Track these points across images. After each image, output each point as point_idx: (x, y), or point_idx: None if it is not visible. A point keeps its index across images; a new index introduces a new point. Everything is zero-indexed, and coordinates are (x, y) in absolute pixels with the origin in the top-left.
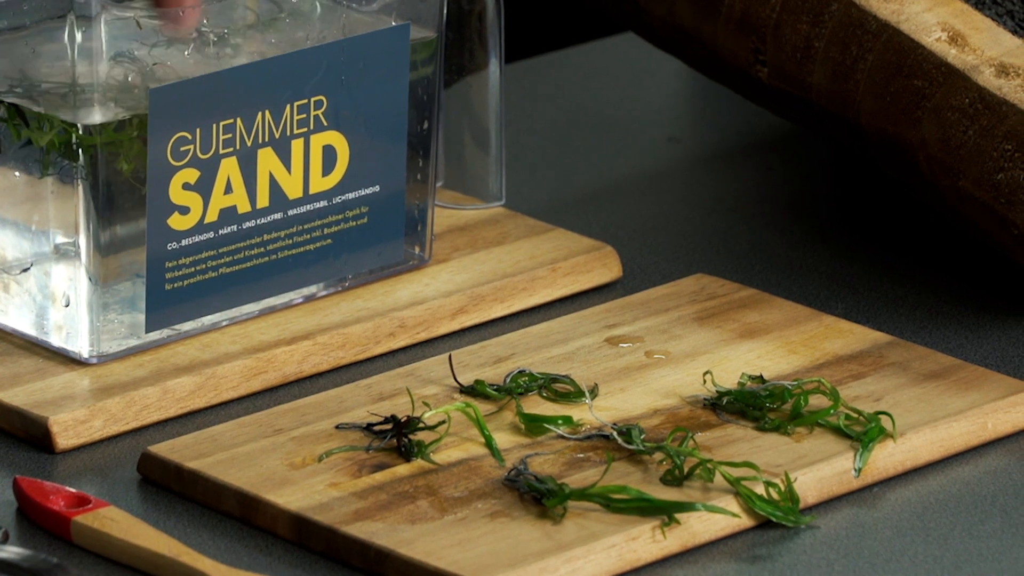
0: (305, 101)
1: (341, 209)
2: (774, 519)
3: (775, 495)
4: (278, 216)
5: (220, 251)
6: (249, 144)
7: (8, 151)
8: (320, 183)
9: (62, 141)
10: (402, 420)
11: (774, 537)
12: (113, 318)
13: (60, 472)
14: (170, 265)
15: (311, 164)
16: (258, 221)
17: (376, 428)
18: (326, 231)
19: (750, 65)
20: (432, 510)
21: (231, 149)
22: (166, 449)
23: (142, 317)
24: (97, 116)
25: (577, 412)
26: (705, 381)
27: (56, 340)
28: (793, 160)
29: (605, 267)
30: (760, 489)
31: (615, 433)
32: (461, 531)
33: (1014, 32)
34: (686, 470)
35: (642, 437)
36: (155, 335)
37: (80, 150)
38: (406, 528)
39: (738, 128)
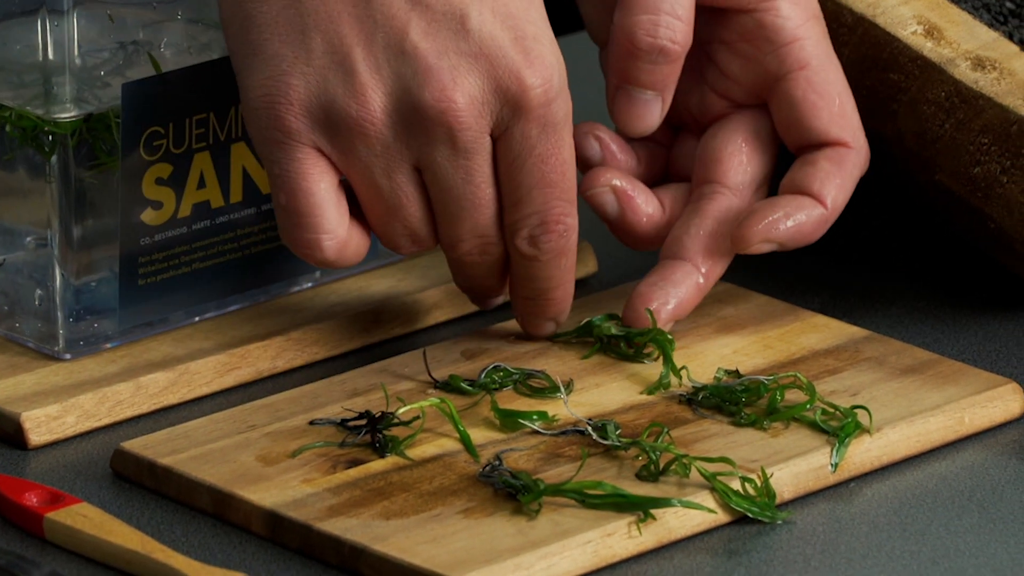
0: None
1: None
2: (750, 515)
3: (751, 490)
4: (251, 211)
5: (193, 246)
6: (222, 139)
7: None
8: None
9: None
10: (376, 416)
11: (750, 533)
12: (86, 314)
13: (32, 468)
14: (143, 260)
15: None
16: (231, 216)
17: (350, 424)
18: None
19: None
20: (406, 506)
21: (204, 144)
22: (139, 445)
23: (115, 313)
24: (69, 111)
25: (552, 407)
26: (681, 376)
27: (28, 336)
28: None
29: (580, 262)
30: (736, 484)
31: (590, 428)
32: (436, 527)
33: (990, 25)
34: (662, 465)
35: (617, 432)
36: (128, 331)
37: (52, 145)
38: (380, 524)
39: None
